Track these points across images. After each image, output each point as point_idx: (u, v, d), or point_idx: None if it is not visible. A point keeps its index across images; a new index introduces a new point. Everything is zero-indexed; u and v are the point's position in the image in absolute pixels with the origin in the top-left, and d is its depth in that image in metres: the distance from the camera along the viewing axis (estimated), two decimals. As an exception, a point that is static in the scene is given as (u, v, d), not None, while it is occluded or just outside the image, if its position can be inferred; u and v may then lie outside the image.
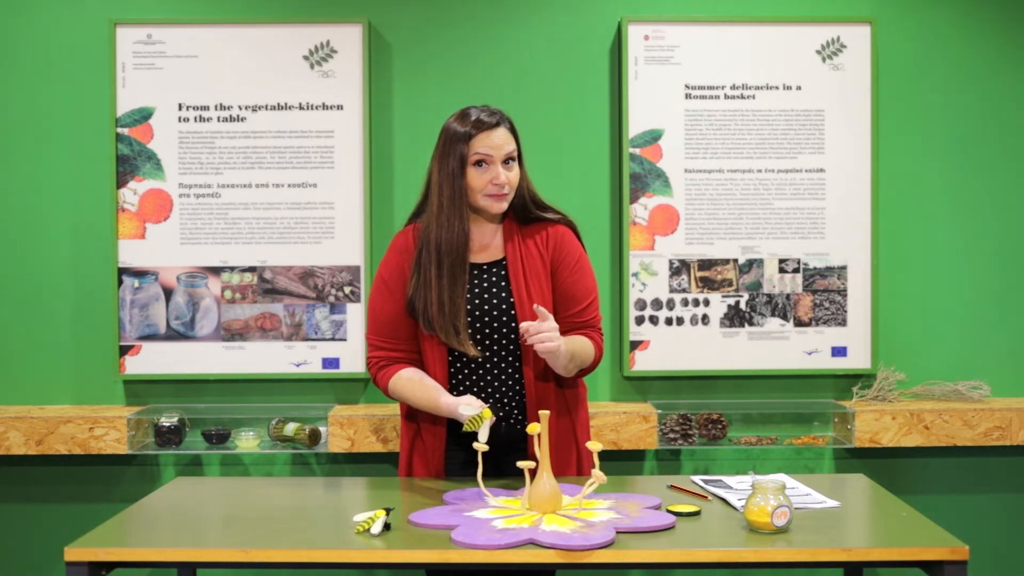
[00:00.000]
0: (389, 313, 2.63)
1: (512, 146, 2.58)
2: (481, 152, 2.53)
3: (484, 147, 2.53)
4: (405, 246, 2.66)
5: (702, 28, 3.55)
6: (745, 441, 3.49)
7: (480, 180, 2.55)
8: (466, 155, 2.54)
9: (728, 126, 3.56)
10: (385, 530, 2.19)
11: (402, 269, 2.64)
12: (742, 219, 3.56)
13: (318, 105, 3.53)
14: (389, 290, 2.63)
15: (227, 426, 3.49)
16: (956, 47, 3.60)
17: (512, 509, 2.31)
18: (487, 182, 2.55)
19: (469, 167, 2.55)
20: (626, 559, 2.08)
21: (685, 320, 3.56)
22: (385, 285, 2.64)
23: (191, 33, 3.52)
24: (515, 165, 2.60)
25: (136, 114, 3.53)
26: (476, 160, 2.54)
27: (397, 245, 2.68)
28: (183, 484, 2.73)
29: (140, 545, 2.21)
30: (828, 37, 3.55)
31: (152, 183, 3.53)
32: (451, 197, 2.55)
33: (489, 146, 2.53)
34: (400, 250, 2.66)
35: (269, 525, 2.31)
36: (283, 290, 3.54)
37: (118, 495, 3.50)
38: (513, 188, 2.59)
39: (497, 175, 2.54)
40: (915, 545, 2.14)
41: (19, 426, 3.37)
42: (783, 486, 2.18)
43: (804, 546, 2.11)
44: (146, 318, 3.53)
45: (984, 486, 3.63)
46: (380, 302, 2.65)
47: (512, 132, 2.61)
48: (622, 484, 2.64)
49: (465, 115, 2.58)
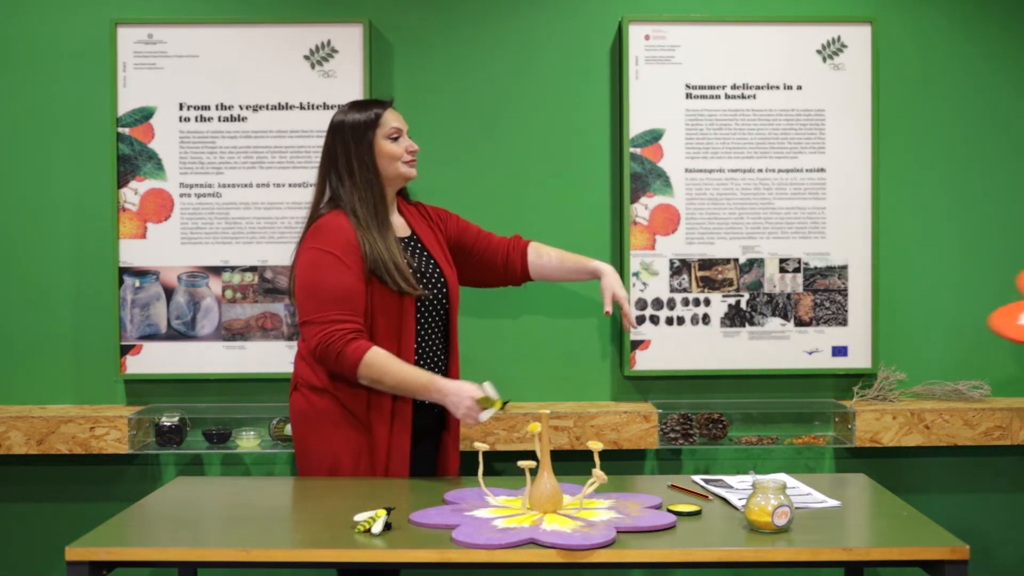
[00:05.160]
0: (349, 285, 2.66)
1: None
2: (395, 125, 2.82)
3: (396, 121, 2.83)
4: (342, 225, 2.72)
5: (703, 28, 3.55)
6: (746, 441, 3.50)
7: (398, 149, 2.81)
8: (376, 133, 2.79)
9: (729, 126, 3.56)
10: (386, 530, 2.19)
11: (351, 244, 2.68)
12: (743, 219, 3.56)
13: (319, 105, 3.54)
14: (346, 264, 2.67)
15: (228, 426, 3.49)
16: (956, 47, 3.60)
17: (513, 509, 2.31)
18: (403, 150, 2.82)
19: (383, 142, 2.80)
20: (627, 559, 2.08)
21: (686, 320, 3.56)
22: (340, 260, 2.67)
23: (192, 33, 3.52)
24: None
25: (137, 114, 3.53)
26: (391, 135, 2.80)
27: (333, 225, 2.72)
28: (184, 484, 2.73)
29: (141, 545, 2.21)
30: (828, 37, 3.55)
31: (153, 183, 3.53)
32: (364, 172, 2.78)
33: (398, 120, 2.84)
34: (341, 228, 2.71)
35: (270, 525, 2.31)
36: (284, 290, 3.54)
37: (119, 495, 3.50)
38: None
39: (410, 144, 2.85)
40: (915, 545, 2.14)
41: (20, 426, 3.37)
42: (784, 486, 2.19)
43: (804, 546, 2.12)
44: (147, 318, 3.53)
45: (984, 486, 3.63)
46: (338, 275, 2.66)
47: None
48: (623, 484, 2.64)
49: (357, 104, 2.85)
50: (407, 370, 2.64)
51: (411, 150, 2.84)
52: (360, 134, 2.79)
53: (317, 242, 2.71)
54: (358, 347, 2.62)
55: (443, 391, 2.62)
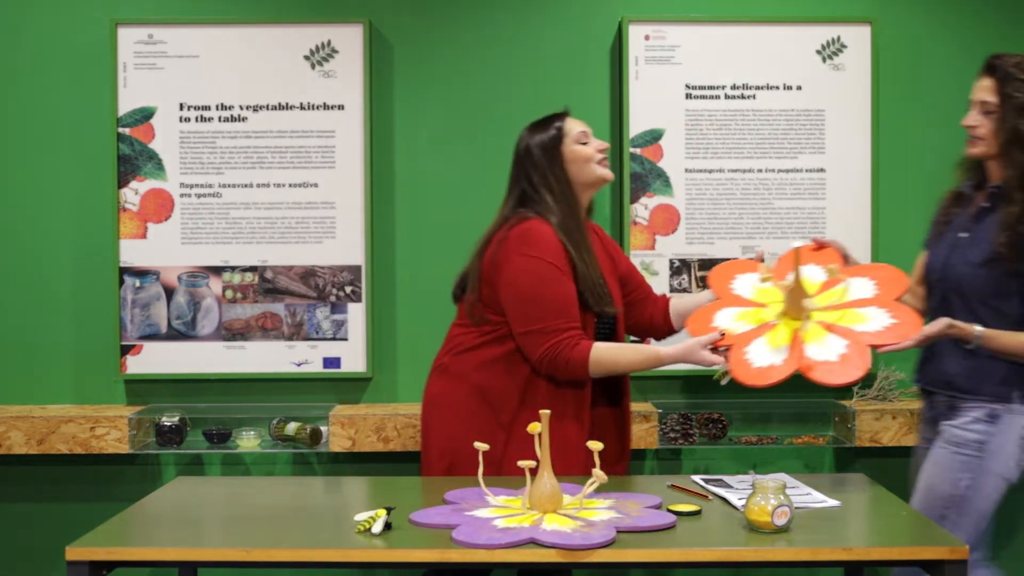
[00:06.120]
0: (569, 294, 2.72)
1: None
2: (581, 130, 2.83)
3: (579, 127, 2.84)
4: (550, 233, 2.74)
5: (703, 28, 3.56)
6: (745, 440, 3.50)
7: (589, 150, 2.82)
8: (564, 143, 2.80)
9: (728, 126, 3.56)
10: (386, 529, 2.19)
11: (563, 254, 2.73)
12: (743, 219, 3.57)
13: (319, 105, 3.54)
14: (565, 274, 2.72)
15: (228, 426, 3.49)
16: (956, 47, 3.60)
17: (513, 508, 2.31)
18: (594, 150, 2.83)
19: (573, 147, 2.81)
20: (626, 558, 2.09)
21: (685, 320, 3.55)
22: (558, 270, 2.71)
23: (192, 33, 3.52)
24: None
25: (137, 114, 3.53)
26: (579, 139, 2.82)
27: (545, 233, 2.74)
28: (184, 484, 2.74)
29: (141, 544, 2.21)
30: (828, 37, 3.56)
31: (153, 183, 3.53)
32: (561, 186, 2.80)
33: (581, 125, 2.85)
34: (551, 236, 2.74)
35: (270, 525, 2.31)
36: (284, 290, 3.54)
37: (119, 495, 3.49)
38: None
39: (599, 143, 2.85)
40: (915, 545, 2.14)
41: (20, 425, 3.37)
42: (783, 485, 2.19)
43: (804, 545, 2.12)
44: (147, 318, 3.53)
45: (984, 486, 3.63)
46: (559, 286, 2.70)
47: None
48: (622, 483, 2.64)
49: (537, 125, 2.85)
50: (631, 354, 2.71)
51: (600, 148, 2.85)
52: (549, 151, 2.80)
53: (532, 250, 2.72)
54: (583, 348, 2.67)
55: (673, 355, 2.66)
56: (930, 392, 2.80)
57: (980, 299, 2.67)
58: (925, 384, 2.83)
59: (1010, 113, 2.66)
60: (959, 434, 2.67)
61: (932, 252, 2.86)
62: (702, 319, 2.72)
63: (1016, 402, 2.65)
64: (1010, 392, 2.65)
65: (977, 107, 2.73)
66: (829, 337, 2.54)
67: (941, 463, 2.69)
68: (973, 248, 2.70)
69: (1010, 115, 2.66)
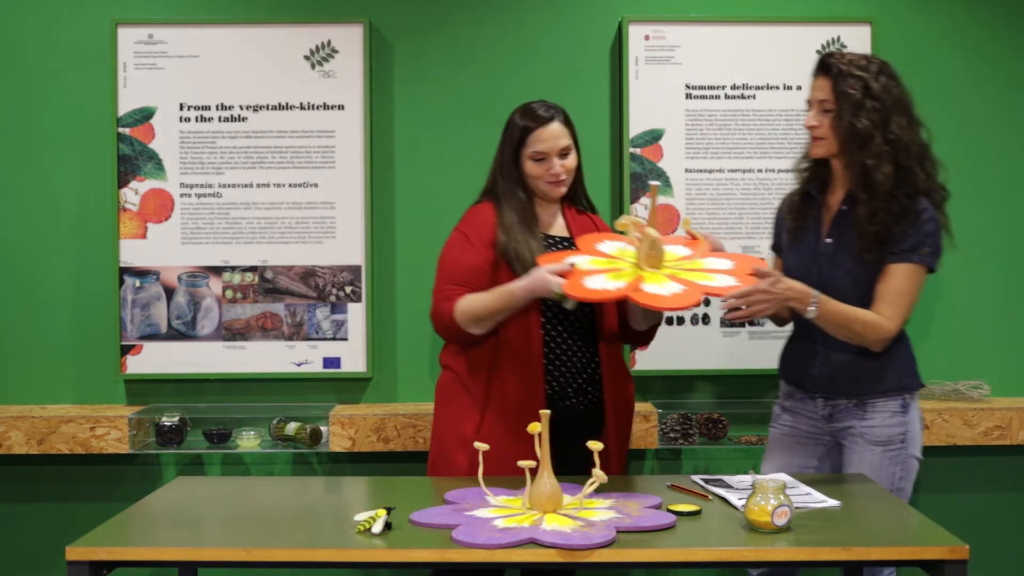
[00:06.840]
0: (474, 263, 2.77)
1: (567, 140, 2.82)
2: (539, 150, 2.79)
3: (540, 144, 2.79)
4: (483, 211, 2.84)
5: (702, 28, 3.56)
6: (745, 440, 3.50)
7: (538, 170, 2.81)
8: (523, 151, 2.80)
9: (728, 126, 3.56)
10: (386, 529, 2.19)
11: (485, 227, 2.80)
12: (743, 219, 3.57)
13: (319, 105, 3.54)
14: (471, 243, 2.79)
15: (228, 426, 3.49)
16: (956, 47, 3.60)
17: (513, 508, 2.31)
18: (545, 171, 2.81)
19: (527, 160, 2.81)
20: (626, 558, 2.08)
21: (686, 319, 3.56)
22: (467, 239, 2.81)
23: (192, 33, 3.52)
24: (572, 154, 2.85)
25: (137, 114, 3.53)
26: (533, 156, 2.80)
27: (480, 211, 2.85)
28: (184, 484, 2.73)
29: (141, 544, 2.21)
30: (828, 37, 3.56)
31: (153, 183, 3.53)
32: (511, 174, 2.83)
33: (543, 141, 2.79)
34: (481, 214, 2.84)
35: (270, 525, 2.31)
36: (284, 290, 3.54)
37: (119, 495, 3.50)
38: (570, 174, 2.85)
39: (552, 166, 2.80)
40: (915, 545, 2.14)
41: (20, 425, 3.37)
42: (783, 485, 2.19)
43: (804, 546, 2.11)
44: (147, 318, 3.53)
45: (984, 486, 3.63)
46: (464, 254, 2.79)
47: (567, 125, 2.84)
48: (622, 483, 2.64)
49: (526, 111, 2.83)
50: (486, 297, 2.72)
51: (552, 172, 2.81)
52: (513, 144, 2.83)
53: (459, 224, 2.87)
54: (450, 304, 2.73)
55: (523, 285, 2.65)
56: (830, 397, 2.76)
57: (861, 301, 2.65)
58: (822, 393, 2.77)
59: (846, 110, 2.66)
60: (883, 432, 2.69)
61: (792, 258, 2.82)
62: (556, 258, 2.70)
63: (916, 387, 2.73)
64: (912, 380, 2.71)
65: (816, 107, 2.74)
66: (669, 282, 2.54)
67: (874, 464, 2.68)
68: (843, 253, 2.70)
69: (846, 112, 2.66)
